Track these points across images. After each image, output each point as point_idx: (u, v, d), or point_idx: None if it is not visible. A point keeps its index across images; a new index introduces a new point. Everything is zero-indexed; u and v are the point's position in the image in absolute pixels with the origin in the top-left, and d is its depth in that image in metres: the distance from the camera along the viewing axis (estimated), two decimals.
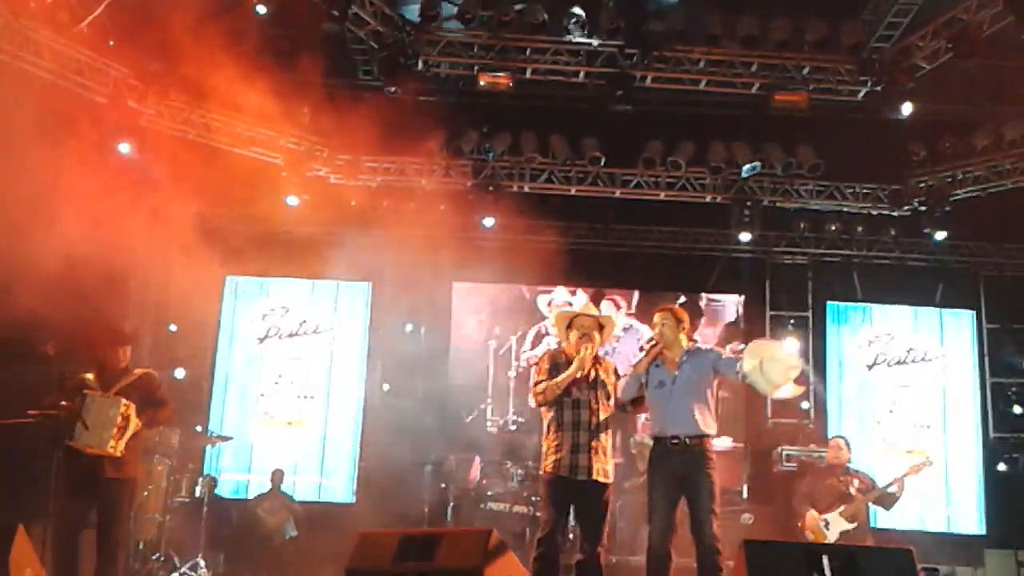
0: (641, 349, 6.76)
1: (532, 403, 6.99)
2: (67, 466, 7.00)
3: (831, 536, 9.06)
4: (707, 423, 6.64)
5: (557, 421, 6.77)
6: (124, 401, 7.06)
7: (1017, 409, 13.36)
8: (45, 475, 6.98)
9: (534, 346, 13.93)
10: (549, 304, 13.91)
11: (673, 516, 6.57)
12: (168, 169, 12.45)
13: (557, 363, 6.82)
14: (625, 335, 13.46)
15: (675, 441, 6.54)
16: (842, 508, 9.19)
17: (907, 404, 13.54)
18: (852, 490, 9.31)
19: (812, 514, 9.27)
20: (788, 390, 6.65)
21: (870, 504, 9.41)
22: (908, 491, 9.42)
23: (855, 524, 9.15)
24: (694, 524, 6.48)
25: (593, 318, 6.91)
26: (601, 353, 6.98)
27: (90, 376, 7.27)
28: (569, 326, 6.91)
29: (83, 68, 10.59)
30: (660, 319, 6.80)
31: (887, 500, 9.38)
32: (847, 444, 9.78)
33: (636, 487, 7.46)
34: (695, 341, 7.06)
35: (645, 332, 12.09)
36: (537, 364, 7.04)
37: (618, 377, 6.88)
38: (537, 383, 6.83)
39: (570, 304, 12.95)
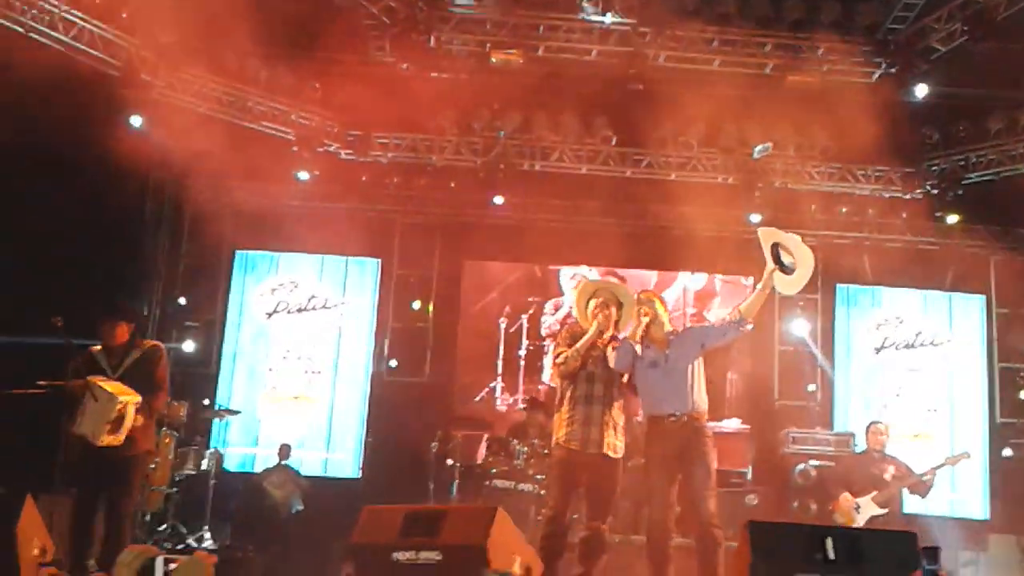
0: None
1: (547, 378, 7.05)
2: (80, 443, 7.03)
3: (861, 520, 9.04)
4: (702, 399, 6.68)
5: (572, 394, 6.83)
6: (121, 401, 7.04)
7: None
8: (53, 446, 7.02)
9: (556, 310, 13.93)
10: (572, 277, 13.90)
11: (672, 494, 6.60)
12: (179, 142, 12.48)
13: (576, 337, 6.87)
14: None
15: (672, 417, 6.57)
16: (875, 493, 9.18)
17: (914, 388, 13.50)
18: (887, 476, 9.30)
19: (845, 496, 9.26)
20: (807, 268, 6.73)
21: (904, 491, 9.41)
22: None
23: (887, 510, 9.12)
24: (691, 503, 6.51)
25: (612, 293, 6.95)
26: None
27: (98, 348, 7.29)
28: (589, 301, 6.96)
29: (96, 40, 10.60)
30: (646, 298, 6.85)
31: (921, 488, 9.37)
32: (886, 430, 9.74)
33: (639, 466, 7.49)
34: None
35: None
36: (557, 338, 7.10)
37: None
38: (558, 355, 6.88)
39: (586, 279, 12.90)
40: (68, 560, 6.69)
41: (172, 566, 3.32)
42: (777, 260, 6.70)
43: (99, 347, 7.30)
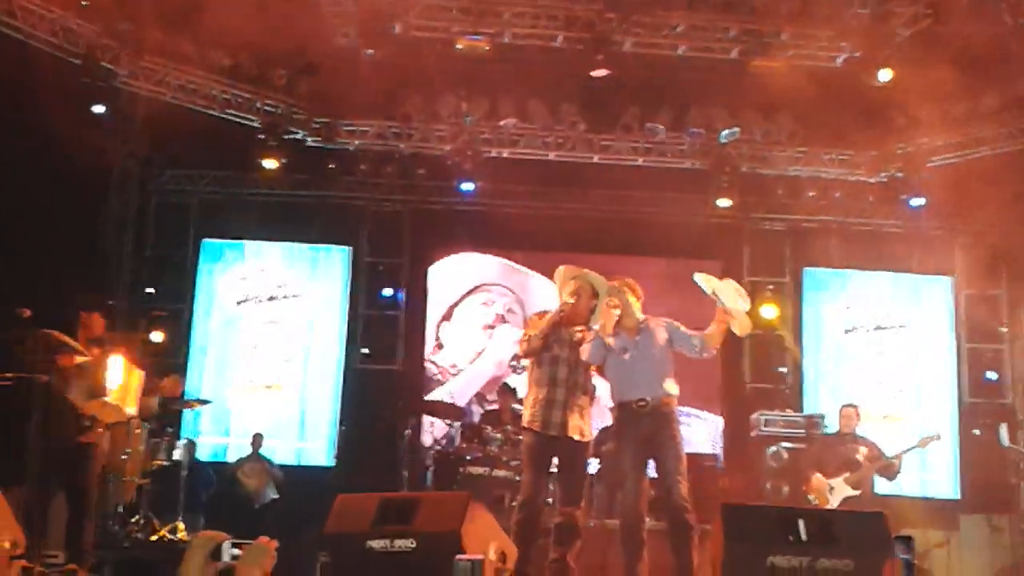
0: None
1: (519, 351, 7.04)
2: (47, 430, 6.97)
3: (834, 501, 9.12)
4: (671, 385, 6.68)
5: (536, 377, 6.83)
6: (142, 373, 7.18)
7: (992, 374, 13.49)
8: (21, 439, 6.94)
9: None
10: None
11: (644, 479, 6.62)
12: (143, 131, 12.40)
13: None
14: None
15: (642, 403, 6.56)
16: (848, 474, 9.25)
17: (883, 370, 13.63)
18: (860, 457, 9.36)
19: (818, 477, 9.33)
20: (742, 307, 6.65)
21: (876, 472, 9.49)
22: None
23: (859, 491, 9.19)
24: (663, 487, 6.53)
25: (589, 282, 6.93)
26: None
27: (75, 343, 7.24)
28: (568, 284, 6.94)
29: (56, 28, 10.47)
30: (617, 287, 6.82)
31: (889, 471, 9.45)
32: (858, 412, 9.80)
33: (613, 451, 7.56)
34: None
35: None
36: (528, 321, 7.11)
37: None
38: (524, 334, 6.89)
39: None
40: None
41: (236, 551, 3.43)
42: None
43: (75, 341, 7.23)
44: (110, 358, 7.00)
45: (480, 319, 13.93)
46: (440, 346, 13.86)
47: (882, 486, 9.68)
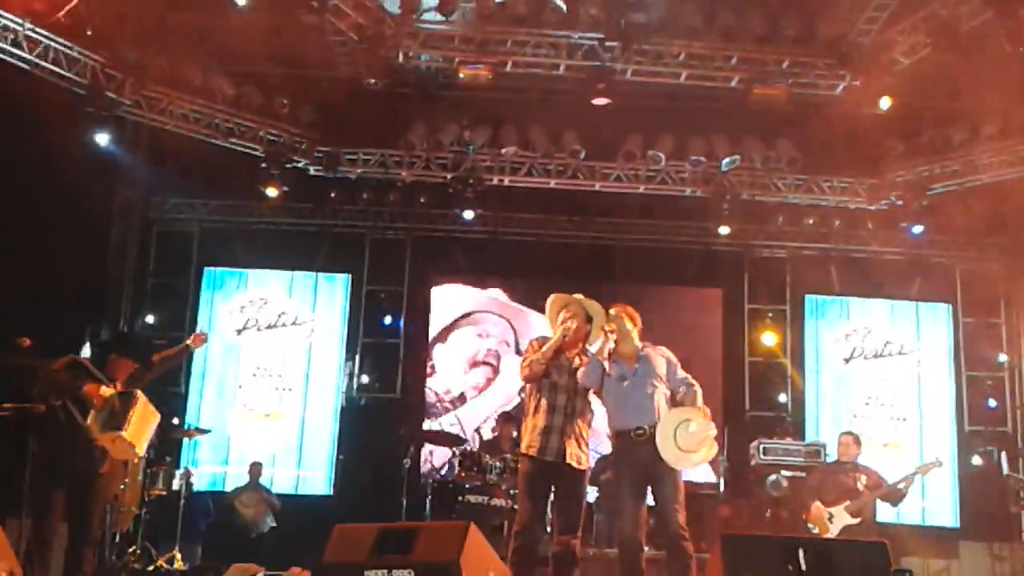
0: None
1: (520, 376, 7.00)
2: (58, 458, 6.95)
3: (834, 530, 9.10)
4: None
5: (534, 403, 6.81)
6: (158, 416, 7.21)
7: (992, 402, 13.47)
8: (20, 469, 6.93)
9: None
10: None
11: (642, 508, 6.60)
12: (146, 160, 12.47)
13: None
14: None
15: (640, 432, 6.55)
16: (848, 503, 9.23)
17: (883, 397, 13.61)
18: (859, 485, 9.34)
19: (817, 506, 9.31)
20: (699, 457, 6.63)
21: (877, 500, 9.45)
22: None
23: (860, 520, 9.17)
24: (660, 516, 6.51)
25: (582, 307, 6.94)
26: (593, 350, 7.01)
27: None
28: (559, 313, 6.94)
29: (61, 58, 10.54)
30: (615, 314, 6.82)
31: (894, 497, 9.43)
32: (857, 440, 9.78)
33: (611, 480, 7.54)
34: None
35: None
36: (528, 346, 7.08)
37: None
38: (525, 360, 6.87)
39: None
40: None
41: None
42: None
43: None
44: (135, 395, 6.98)
45: (472, 351, 13.95)
46: (433, 369, 13.86)
47: (882, 514, 9.66)
